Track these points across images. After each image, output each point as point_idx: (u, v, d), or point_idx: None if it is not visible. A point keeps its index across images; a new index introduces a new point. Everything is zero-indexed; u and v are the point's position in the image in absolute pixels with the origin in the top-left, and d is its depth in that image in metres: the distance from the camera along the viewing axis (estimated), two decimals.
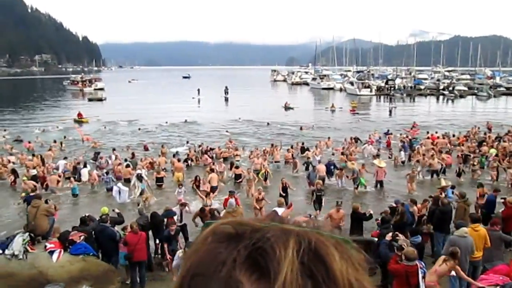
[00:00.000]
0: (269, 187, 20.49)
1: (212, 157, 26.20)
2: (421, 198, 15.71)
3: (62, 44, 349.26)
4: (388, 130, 34.44)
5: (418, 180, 21.08)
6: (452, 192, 16.25)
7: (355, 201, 17.66)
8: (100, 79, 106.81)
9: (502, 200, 14.57)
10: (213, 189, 19.32)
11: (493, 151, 25.30)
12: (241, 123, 43.56)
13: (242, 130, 39.71)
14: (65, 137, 34.70)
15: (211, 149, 28.20)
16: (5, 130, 38.30)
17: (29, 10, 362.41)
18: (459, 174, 21.71)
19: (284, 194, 17.89)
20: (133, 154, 26.85)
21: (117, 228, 12.80)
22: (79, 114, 45.48)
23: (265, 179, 21.52)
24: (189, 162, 25.49)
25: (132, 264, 11.87)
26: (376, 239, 10.82)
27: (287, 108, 55.91)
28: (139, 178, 20.33)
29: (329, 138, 31.41)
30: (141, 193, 19.81)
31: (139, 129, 39.76)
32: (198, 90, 73.92)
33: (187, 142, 32.11)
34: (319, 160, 24.24)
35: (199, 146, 29.22)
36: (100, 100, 70.30)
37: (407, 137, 31.59)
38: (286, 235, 0.59)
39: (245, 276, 0.56)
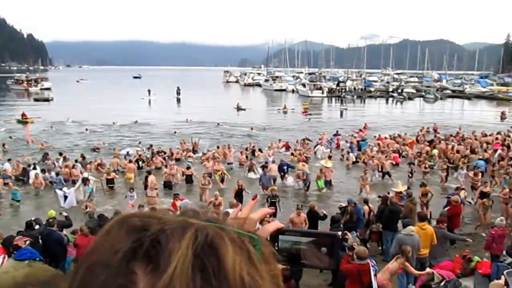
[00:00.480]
0: (225, 189, 20.27)
1: (164, 159, 25.88)
2: (373, 200, 16.12)
3: (5, 42, 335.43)
4: (337, 131, 35.12)
5: (370, 182, 21.48)
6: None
7: (312, 201, 17.89)
8: (47, 78, 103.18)
9: (448, 199, 15.27)
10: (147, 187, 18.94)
11: (435, 151, 26.32)
12: (191, 124, 43.19)
13: (192, 131, 39.47)
14: (11, 137, 33.66)
15: (163, 151, 27.83)
16: None
17: None
18: (410, 174, 22.39)
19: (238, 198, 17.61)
20: (82, 155, 26.23)
21: (65, 231, 12.51)
22: (23, 115, 44.00)
23: (222, 181, 21.34)
24: (140, 163, 25.02)
25: None
26: (340, 233, 11.05)
27: (239, 109, 56.13)
28: (84, 181, 19.72)
29: (279, 140, 31.60)
30: (89, 197, 19.30)
31: (87, 129, 38.84)
32: (149, 90, 72.91)
33: (140, 143, 31.62)
34: (272, 160, 24.45)
35: (148, 148, 28.75)
36: (47, 100, 68.20)
37: (354, 138, 32.35)
38: (184, 228, 0.60)
39: (140, 267, 0.56)
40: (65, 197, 18.68)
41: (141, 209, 14.32)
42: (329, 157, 25.33)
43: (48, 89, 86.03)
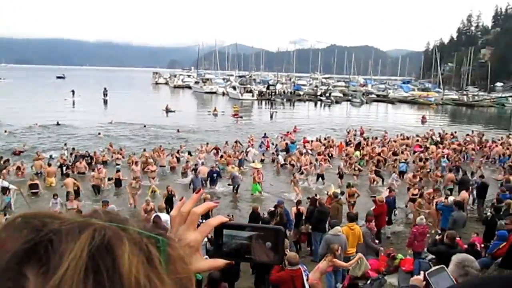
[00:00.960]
0: (155, 195, 19.26)
1: (90, 163, 24.81)
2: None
3: None
4: (265, 134, 35.42)
5: (305, 186, 21.69)
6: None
7: (245, 204, 17.88)
8: None
9: (373, 199, 15.83)
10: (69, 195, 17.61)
11: (357, 153, 27.26)
12: (116, 126, 42.12)
13: (117, 133, 38.50)
14: None
15: (88, 155, 26.36)
16: None
17: None
18: (340, 176, 22.59)
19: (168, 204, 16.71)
20: (6, 160, 24.52)
21: None
22: None
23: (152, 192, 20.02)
24: (64, 168, 23.53)
25: None
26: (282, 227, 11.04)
27: (168, 111, 55.54)
28: (4, 190, 17.94)
29: (207, 143, 30.83)
30: (6, 207, 17.42)
31: (6, 131, 36.57)
32: (73, 91, 69.72)
33: (65, 145, 30.07)
34: (202, 162, 24.26)
35: (71, 153, 27.26)
36: None
37: (284, 140, 32.79)
38: (82, 229, 0.57)
39: (32, 270, 0.54)
40: None
41: None
42: (262, 160, 25.54)
43: None
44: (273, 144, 31.54)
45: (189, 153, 27.54)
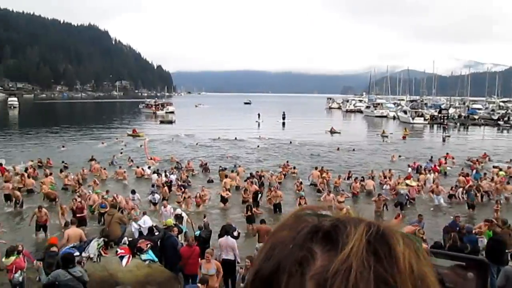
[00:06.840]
0: None
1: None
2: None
3: (139, 72, 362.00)
4: (432, 157, 32.52)
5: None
6: None
7: None
8: (171, 103, 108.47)
9: None
10: None
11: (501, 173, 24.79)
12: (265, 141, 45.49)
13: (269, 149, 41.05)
14: (121, 152, 35.32)
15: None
16: (102, 143, 41.41)
17: (113, 42, 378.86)
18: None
19: None
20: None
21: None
22: (134, 130, 50.53)
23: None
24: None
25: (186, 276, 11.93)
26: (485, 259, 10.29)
27: (332, 132, 55.59)
28: (178, 218, 15.51)
29: (372, 170, 27.08)
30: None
31: (197, 143, 42.65)
32: (258, 114, 75.22)
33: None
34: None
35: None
36: (170, 122, 70.59)
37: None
38: (358, 220, 0.65)
39: (319, 246, 0.61)
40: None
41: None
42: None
43: (172, 112, 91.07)
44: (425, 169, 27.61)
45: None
